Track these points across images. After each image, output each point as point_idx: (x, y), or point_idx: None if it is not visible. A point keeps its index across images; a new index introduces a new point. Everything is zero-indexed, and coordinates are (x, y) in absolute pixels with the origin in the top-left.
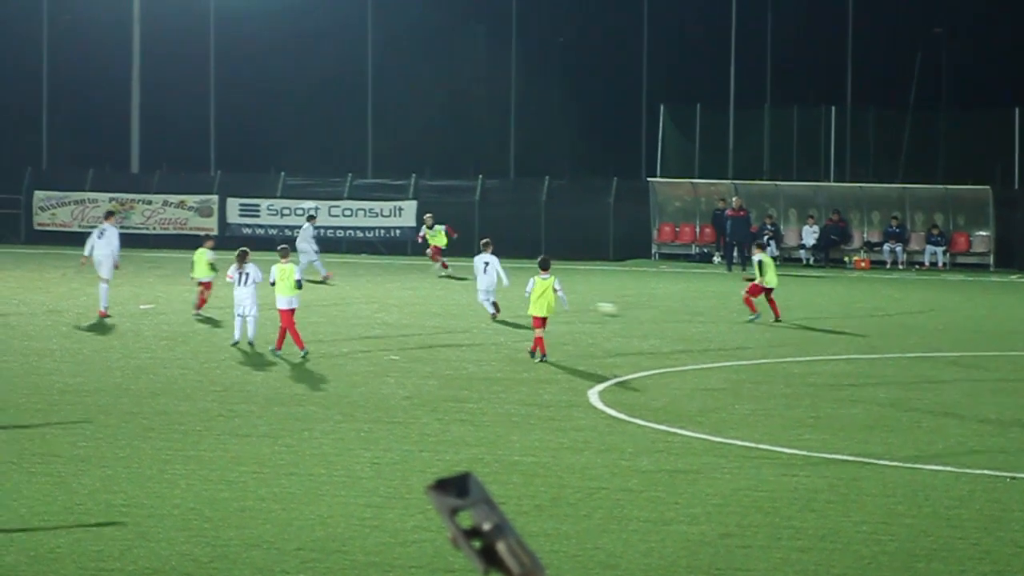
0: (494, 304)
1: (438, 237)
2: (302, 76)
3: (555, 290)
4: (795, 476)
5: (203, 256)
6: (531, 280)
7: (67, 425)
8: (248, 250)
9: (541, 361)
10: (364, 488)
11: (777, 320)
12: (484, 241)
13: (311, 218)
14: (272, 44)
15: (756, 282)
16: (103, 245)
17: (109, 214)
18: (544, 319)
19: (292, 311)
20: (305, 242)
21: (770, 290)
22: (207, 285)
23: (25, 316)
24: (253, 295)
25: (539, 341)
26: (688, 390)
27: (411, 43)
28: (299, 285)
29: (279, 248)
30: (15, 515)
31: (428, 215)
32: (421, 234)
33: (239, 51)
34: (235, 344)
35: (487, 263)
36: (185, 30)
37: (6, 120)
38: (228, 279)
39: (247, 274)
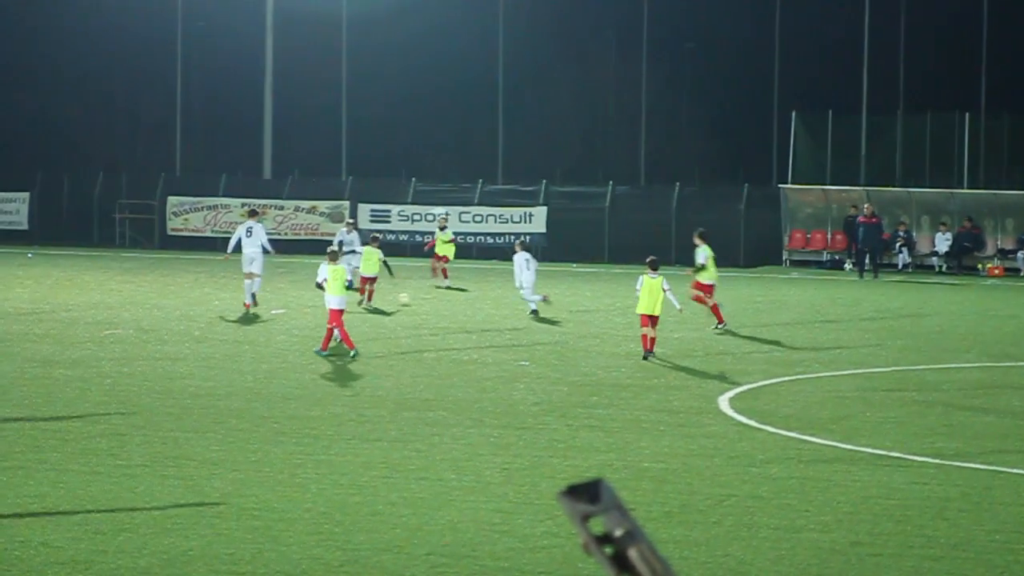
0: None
1: (449, 246)
2: (433, 82)
3: (664, 290)
4: (927, 484)
5: (373, 255)
6: (640, 279)
7: (199, 429)
8: (258, 210)
9: (645, 359)
10: (494, 493)
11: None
12: (519, 241)
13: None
14: (403, 50)
15: (700, 280)
16: (251, 243)
17: (253, 212)
18: (652, 318)
19: (341, 311)
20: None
21: (711, 287)
22: (372, 280)
23: (158, 320)
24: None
25: (644, 339)
26: (819, 397)
27: (542, 49)
28: (350, 285)
29: (328, 251)
30: (148, 518)
31: (444, 214)
32: (432, 239)
33: (371, 57)
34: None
35: (527, 260)
36: (317, 36)
37: (141, 127)
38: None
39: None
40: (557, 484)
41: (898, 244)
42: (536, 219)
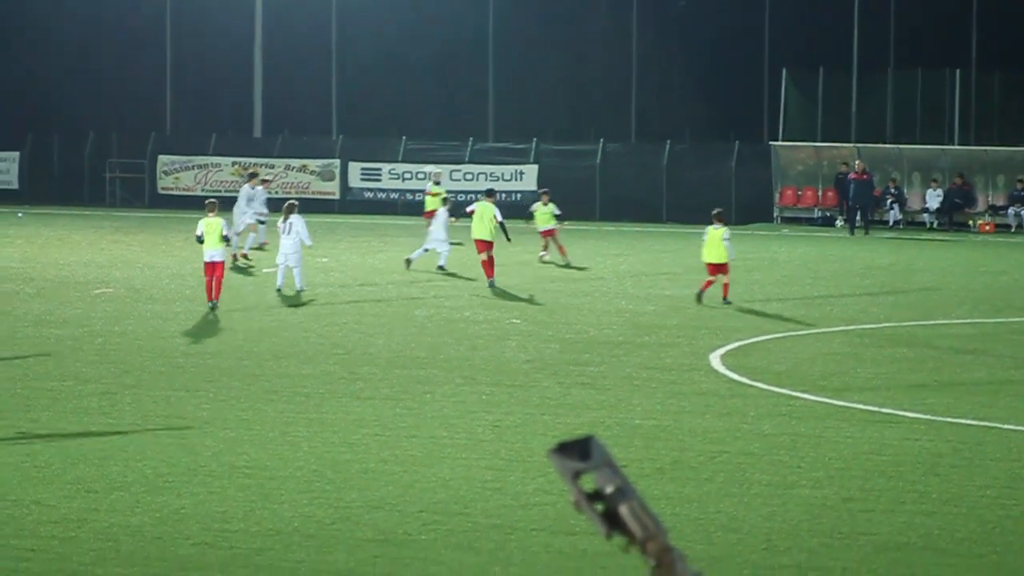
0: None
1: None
2: (424, 39)
3: (724, 240)
4: (918, 440)
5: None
6: (706, 229)
7: (191, 388)
8: (296, 203)
9: (698, 301)
10: (486, 451)
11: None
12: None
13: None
14: (394, 8)
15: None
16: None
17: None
18: (717, 266)
19: (222, 263)
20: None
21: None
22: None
23: (149, 279)
24: (297, 246)
25: (705, 284)
26: (810, 354)
27: (532, 6)
28: (226, 240)
29: (207, 203)
30: (140, 476)
31: (436, 171)
32: (428, 189)
33: (361, 14)
34: (279, 290)
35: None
36: None
37: (130, 86)
38: (277, 228)
39: (291, 224)
40: (549, 441)
41: (889, 201)
42: (527, 177)
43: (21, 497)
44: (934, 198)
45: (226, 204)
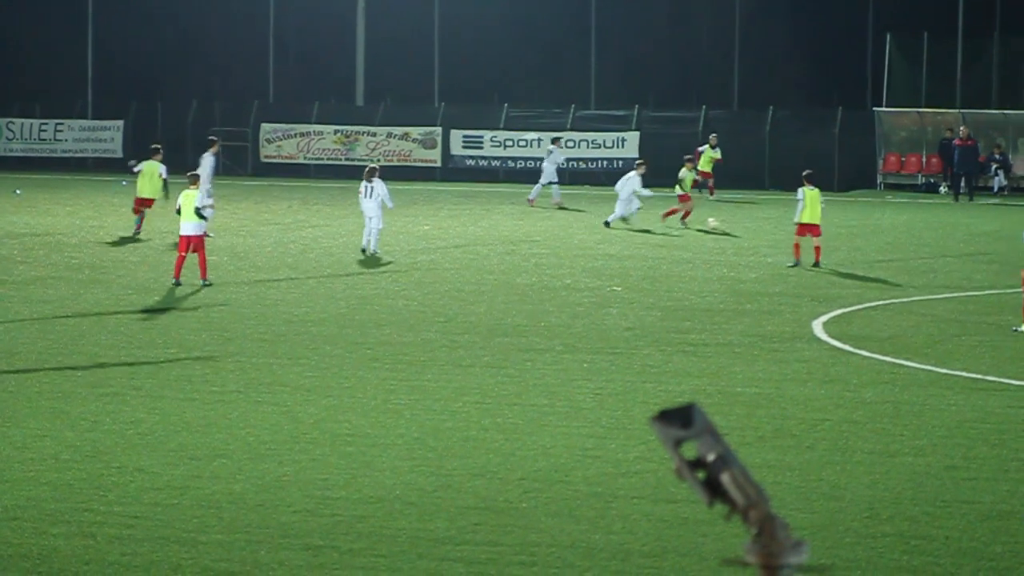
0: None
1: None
2: (525, 6)
3: (820, 202)
4: (1022, 408)
5: (690, 176)
6: (800, 191)
7: (293, 355)
8: (376, 167)
9: (815, 267)
10: (586, 419)
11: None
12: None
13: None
14: None
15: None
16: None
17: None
18: (812, 227)
19: (194, 238)
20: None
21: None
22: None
23: (252, 247)
24: (378, 208)
25: (796, 248)
26: (914, 321)
27: None
28: (199, 213)
29: (189, 175)
30: (243, 443)
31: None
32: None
33: None
34: (363, 251)
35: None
36: None
37: (234, 55)
38: (358, 192)
39: (372, 187)
40: (649, 409)
41: (994, 167)
42: (628, 144)
43: (125, 464)
44: None
45: (328, 172)
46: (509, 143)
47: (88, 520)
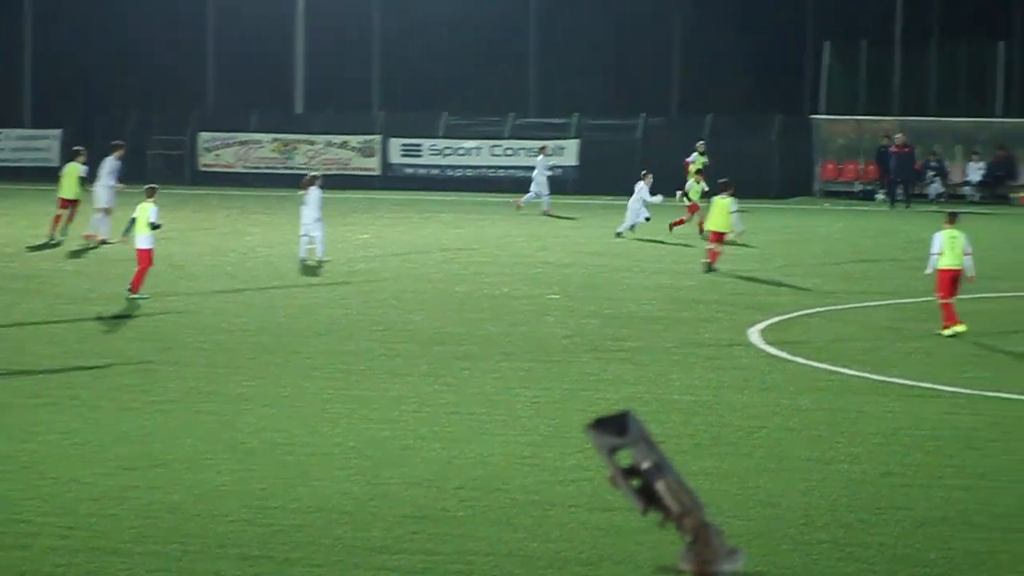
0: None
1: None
2: (465, 14)
3: (732, 211)
4: (957, 414)
5: (697, 188)
6: (712, 199)
7: (231, 364)
8: (316, 175)
9: (708, 271)
10: (524, 427)
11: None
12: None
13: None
14: None
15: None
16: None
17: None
18: (718, 234)
19: (147, 251)
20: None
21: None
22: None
23: (190, 256)
24: (315, 216)
25: (711, 253)
26: (850, 328)
27: None
28: (153, 226)
29: (146, 188)
30: (180, 453)
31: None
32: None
33: None
34: (302, 260)
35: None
36: None
37: (173, 63)
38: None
39: (308, 196)
40: (587, 417)
41: (930, 174)
42: (568, 152)
43: (61, 474)
44: (976, 171)
45: (267, 181)
46: (448, 151)
47: (24, 531)
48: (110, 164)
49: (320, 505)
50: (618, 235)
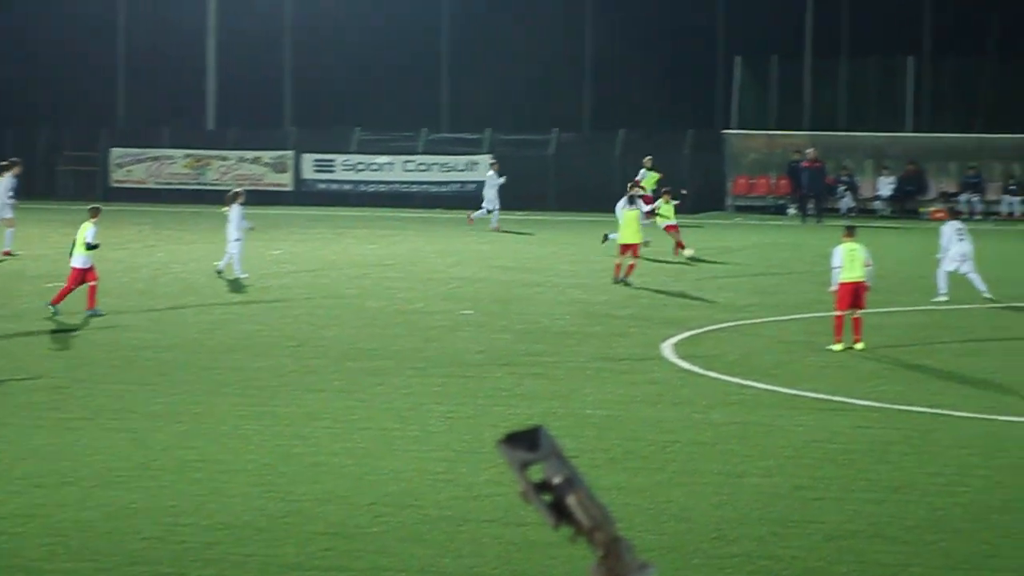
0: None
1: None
2: (378, 30)
3: (640, 220)
4: (869, 428)
5: (668, 206)
6: (621, 211)
7: (142, 381)
8: (238, 192)
9: (624, 282)
10: (437, 443)
11: None
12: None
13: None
14: None
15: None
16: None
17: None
18: (631, 246)
19: (84, 270)
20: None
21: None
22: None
23: (101, 273)
24: (234, 233)
25: (628, 267)
26: (762, 342)
27: None
28: (89, 247)
29: (90, 208)
30: (91, 471)
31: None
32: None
33: (315, 5)
34: (219, 272)
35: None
36: None
37: (84, 78)
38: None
39: (229, 212)
40: (500, 432)
41: (841, 188)
42: (480, 167)
43: None
44: (886, 185)
45: (179, 197)
46: (361, 166)
47: None
48: (7, 182)
49: (232, 522)
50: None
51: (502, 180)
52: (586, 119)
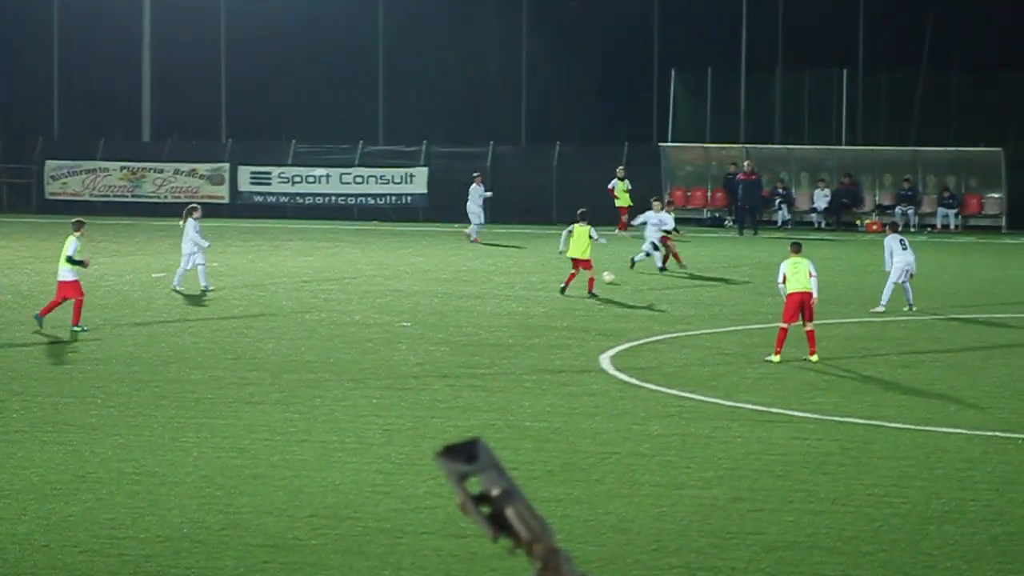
0: None
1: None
2: (313, 43)
3: (592, 236)
4: (807, 439)
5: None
6: (571, 226)
7: (79, 394)
8: (194, 207)
9: (590, 296)
10: (376, 455)
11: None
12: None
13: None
14: (283, 10)
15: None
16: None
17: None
18: (580, 261)
19: (68, 283)
20: (474, 203)
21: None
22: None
23: (36, 285)
24: (188, 247)
25: (571, 278)
26: (700, 354)
27: (422, 8)
28: (71, 261)
29: (74, 221)
30: (28, 484)
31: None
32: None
33: (250, 18)
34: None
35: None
36: None
37: (17, 89)
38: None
39: (184, 226)
40: (439, 444)
41: (777, 201)
42: (417, 180)
43: None
44: (822, 198)
45: (115, 209)
46: (297, 179)
47: None
48: None
49: (170, 534)
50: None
51: (488, 194)
52: (523, 131)
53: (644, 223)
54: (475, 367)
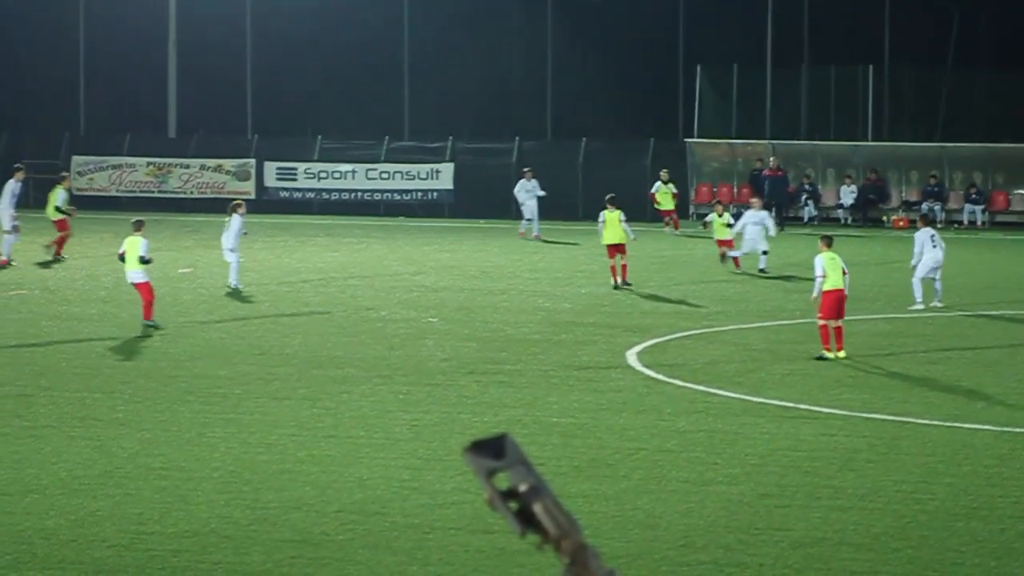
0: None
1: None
2: (339, 39)
3: (622, 221)
4: (834, 436)
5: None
6: (601, 214)
7: (106, 389)
8: (239, 203)
9: (624, 285)
10: (403, 450)
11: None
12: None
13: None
14: (309, 6)
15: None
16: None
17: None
18: (617, 246)
19: (143, 284)
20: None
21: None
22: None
23: (64, 281)
24: (229, 243)
25: (614, 270)
26: (727, 350)
27: (447, 4)
28: (143, 261)
29: (134, 221)
30: (55, 479)
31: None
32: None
33: (276, 14)
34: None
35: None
36: None
37: (44, 86)
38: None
39: (229, 222)
40: (466, 440)
41: (803, 197)
42: (443, 176)
43: None
44: (848, 194)
45: (141, 204)
46: (323, 175)
47: None
48: (10, 187)
49: (198, 530)
50: (761, 271)
51: (543, 194)
52: (548, 127)
53: (744, 225)
54: (502, 363)
